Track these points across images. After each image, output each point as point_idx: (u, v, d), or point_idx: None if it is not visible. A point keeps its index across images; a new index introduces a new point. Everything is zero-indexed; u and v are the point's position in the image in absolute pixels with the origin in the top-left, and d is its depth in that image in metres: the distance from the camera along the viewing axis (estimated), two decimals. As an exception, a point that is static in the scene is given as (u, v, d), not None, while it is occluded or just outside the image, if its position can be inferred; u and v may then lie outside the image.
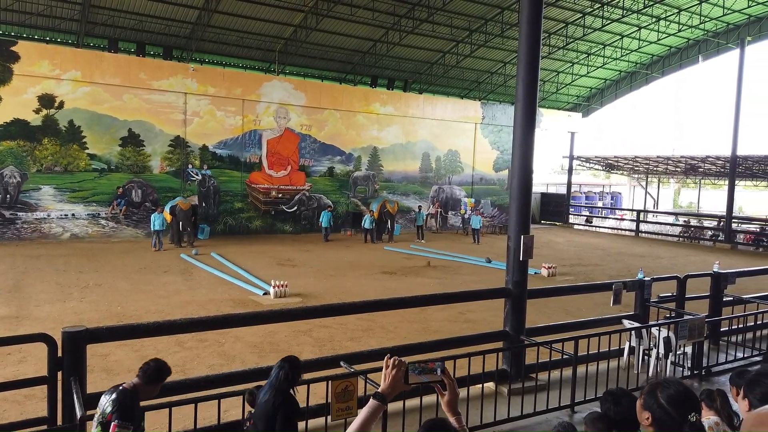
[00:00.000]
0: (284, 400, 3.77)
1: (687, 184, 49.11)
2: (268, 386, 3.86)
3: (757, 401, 2.42)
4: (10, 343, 5.73)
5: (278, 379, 3.83)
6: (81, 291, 12.36)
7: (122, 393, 3.68)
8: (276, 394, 3.75)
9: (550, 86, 34.71)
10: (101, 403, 3.70)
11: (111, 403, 3.61)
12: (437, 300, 7.83)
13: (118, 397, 3.65)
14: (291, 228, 24.78)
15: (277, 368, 3.90)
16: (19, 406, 6.31)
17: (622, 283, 7.91)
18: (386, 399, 2.11)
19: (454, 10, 25.58)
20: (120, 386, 3.76)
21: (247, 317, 6.18)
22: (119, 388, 3.73)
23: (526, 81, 6.94)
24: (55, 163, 20.08)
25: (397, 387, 2.12)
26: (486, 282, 14.53)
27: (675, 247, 25.35)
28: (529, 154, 7.05)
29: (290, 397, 3.85)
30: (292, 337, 9.31)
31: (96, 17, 22.32)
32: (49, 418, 4.41)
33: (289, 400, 3.81)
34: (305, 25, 24.92)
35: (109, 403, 3.63)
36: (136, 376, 3.83)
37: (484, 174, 30.91)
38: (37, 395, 6.25)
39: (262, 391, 3.93)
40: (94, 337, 4.70)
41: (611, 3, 26.10)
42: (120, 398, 3.64)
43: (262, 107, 23.89)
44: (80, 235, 20.46)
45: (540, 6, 6.98)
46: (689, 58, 33.34)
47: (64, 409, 4.32)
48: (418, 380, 2.15)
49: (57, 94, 19.88)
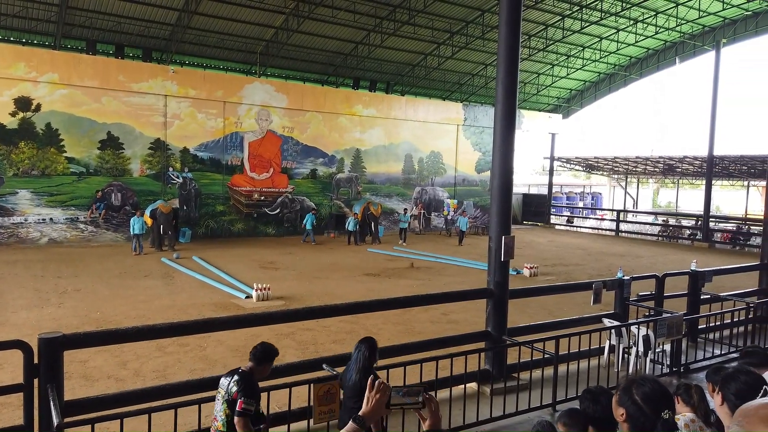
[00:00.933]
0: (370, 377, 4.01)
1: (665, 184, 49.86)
2: (352, 368, 4.38)
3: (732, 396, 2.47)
4: (-16, 351, 5.62)
5: (359, 360, 4.36)
6: (59, 296, 12.16)
7: (243, 374, 4.10)
8: (362, 374, 4.24)
9: (531, 88, 35.01)
10: (223, 384, 4.12)
11: (235, 383, 4.03)
12: (420, 301, 7.85)
13: (241, 378, 4.06)
14: (274, 231, 24.64)
15: (356, 351, 4.43)
16: (-5, 414, 6.18)
17: (602, 283, 8.01)
18: (365, 423, 2.02)
19: (434, 12, 25.68)
20: (239, 369, 4.17)
21: (229, 321, 6.15)
22: (239, 371, 4.14)
23: (506, 83, 7.00)
24: (32, 166, 19.74)
25: (378, 411, 2.05)
26: (469, 283, 14.59)
27: (654, 246, 25.72)
28: (509, 155, 7.11)
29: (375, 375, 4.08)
30: (274, 340, 9.20)
31: (73, 19, 21.99)
32: (25, 426, 4.34)
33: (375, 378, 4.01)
34: (286, 27, 24.83)
35: (233, 383, 4.04)
36: (249, 361, 4.23)
37: (467, 175, 31.06)
38: (14, 403, 6.13)
39: (348, 373, 4.42)
40: (72, 342, 4.64)
41: (590, 6, 26.42)
42: (242, 379, 4.06)
43: (243, 109, 23.74)
44: (58, 240, 20.14)
45: (519, 8, 7.05)
46: (666, 60, 33.86)
47: (41, 416, 4.26)
48: (400, 402, 2.07)
49: (34, 96, 19.55)
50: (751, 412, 1.45)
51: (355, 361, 4.38)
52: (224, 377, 4.16)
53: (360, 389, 4.10)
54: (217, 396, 4.13)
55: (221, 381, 4.18)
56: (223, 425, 3.98)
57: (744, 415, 1.45)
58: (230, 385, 4.02)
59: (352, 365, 4.40)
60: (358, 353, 4.38)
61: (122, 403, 4.68)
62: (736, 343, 8.70)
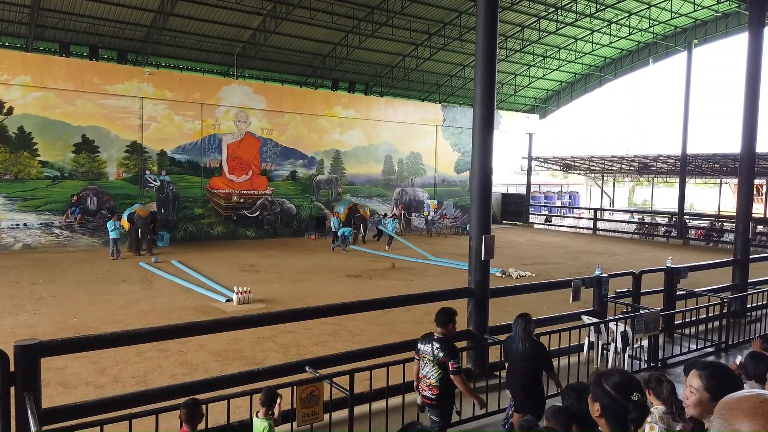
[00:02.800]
0: (538, 343, 5.22)
1: (641, 183, 50.69)
2: (516, 340, 5.15)
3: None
4: (-42, 360, 5.49)
5: (524, 331, 5.13)
6: (35, 303, 11.92)
7: (441, 340, 4.91)
8: (531, 342, 5.10)
9: (508, 88, 35.34)
10: (425, 351, 4.95)
11: (439, 350, 4.84)
12: (401, 302, 7.87)
13: (442, 344, 4.87)
14: (254, 233, 24.48)
15: (515, 325, 5.23)
16: (-30, 425, 6.04)
17: (581, 280, 8.13)
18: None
19: (412, 13, 25.79)
20: (432, 335, 4.97)
21: (210, 325, 6.09)
22: (434, 338, 4.93)
23: (484, 83, 7.07)
24: (5, 171, 19.32)
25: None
26: (451, 283, 14.66)
27: (630, 244, 26.13)
28: (488, 155, 7.18)
29: (540, 342, 5.31)
30: (256, 343, 9.21)
31: (46, 20, 21.60)
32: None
33: (541, 343, 5.31)
34: (264, 29, 24.70)
35: (437, 350, 4.85)
36: (437, 326, 4.98)
37: (446, 176, 31.22)
38: (-11, 413, 6.00)
39: (513, 343, 5.18)
40: (49, 350, 4.57)
41: (565, 7, 26.78)
42: (444, 344, 4.87)
43: (221, 111, 23.54)
44: (33, 245, 19.74)
45: (496, 10, 7.13)
46: (640, 61, 34.47)
47: (18, 425, 4.18)
48: None
49: (6, 99, 19.14)
50: (733, 404, 1.41)
51: (517, 333, 5.18)
52: (422, 344, 5.02)
53: (529, 353, 5.05)
54: (422, 360, 4.99)
55: (421, 347, 5.02)
56: (436, 382, 4.87)
57: (726, 408, 1.42)
58: (435, 351, 4.84)
59: (515, 337, 5.20)
60: (518, 326, 5.18)
61: (102, 409, 4.61)
62: (711, 337, 8.89)
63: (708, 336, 8.94)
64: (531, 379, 5.09)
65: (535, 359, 5.07)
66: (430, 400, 4.95)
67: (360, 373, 5.19)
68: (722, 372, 2.56)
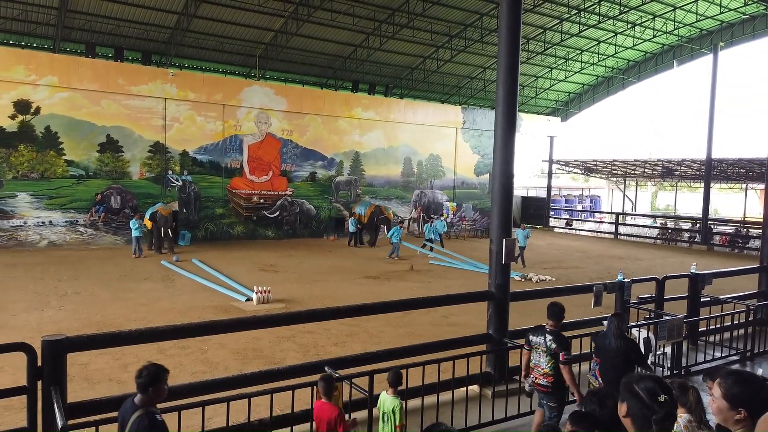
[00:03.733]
0: (629, 340, 5.56)
1: (664, 187, 49.94)
2: (609, 336, 5.39)
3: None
4: (-13, 354, 5.61)
5: (617, 328, 5.39)
6: (59, 299, 12.15)
7: (554, 332, 5.32)
8: (623, 339, 5.39)
9: (530, 91, 35.09)
10: (538, 342, 5.36)
11: (552, 342, 5.26)
12: (421, 304, 7.85)
13: (554, 336, 5.30)
14: (273, 233, 24.64)
15: (609, 323, 5.50)
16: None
17: (602, 285, 8.02)
18: None
19: (434, 15, 25.75)
20: (544, 328, 5.39)
21: (230, 324, 6.14)
22: (546, 330, 5.35)
23: (506, 86, 7.03)
24: (32, 169, 19.73)
25: None
26: (470, 285, 14.59)
27: (653, 249, 25.75)
28: (509, 158, 7.13)
29: (631, 339, 5.68)
30: (275, 343, 9.26)
31: (73, 22, 22.01)
32: (29, 428, 4.34)
33: (632, 340, 5.69)
34: (286, 30, 24.87)
35: (550, 341, 5.26)
36: (548, 319, 5.39)
37: (466, 178, 31.09)
38: (16, 405, 6.13)
39: (606, 339, 5.43)
40: (75, 345, 4.64)
41: (588, 9, 26.50)
42: (556, 336, 5.30)
43: (242, 112, 23.76)
44: (58, 243, 20.11)
45: (519, 12, 7.08)
46: (664, 63, 33.96)
47: (45, 419, 4.26)
48: None
49: (33, 99, 19.55)
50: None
51: (610, 330, 5.43)
52: (533, 335, 5.44)
53: (622, 348, 5.31)
54: (534, 351, 5.39)
55: (532, 339, 5.43)
56: (550, 370, 5.25)
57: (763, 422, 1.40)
58: (548, 342, 5.27)
59: (608, 333, 5.45)
60: (611, 324, 5.45)
61: (125, 405, 4.67)
62: (736, 345, 8.72)
63: (733, 344, 8.77)
64: (625, 373, 5.21)
65: (627, 355, 5.37)
66: (545, 387, 5.33)
67: (379, 375, 5.19)
68: (742, 380, 2.50)
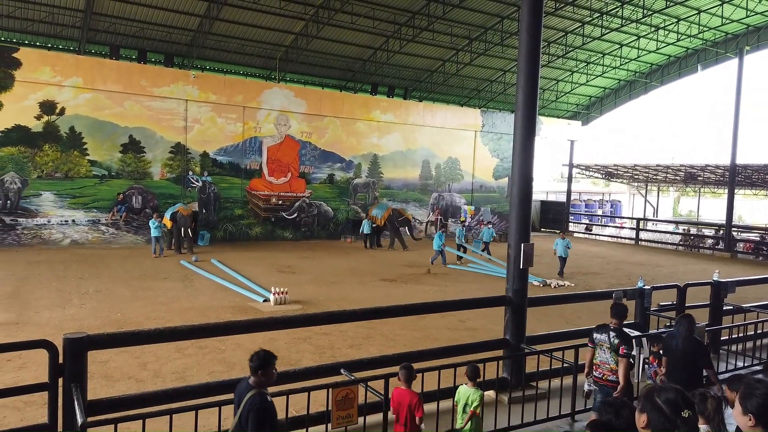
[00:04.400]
0: (699, 342, 5.69)
1: (686, 193, 49.17)
2: (678, 338, 5.57)
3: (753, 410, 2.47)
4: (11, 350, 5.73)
5: (687, 331, 5.56)
6: (81, 297, 12.35)
7: (617, 330, 5.64)
8: (692, 341, 5.54)
9: (550, 94, 34.83)
10: (602, 339, 5.67)
11: (615, 338, 5.56)
12: (437, 308, 7.84)
13: (617, 333, 5.60)
14: (291, 235, 24.77)
15: (678, 325, 5.68)
16: (19, 412, 6.29)
17: (622, 292, 7.92)
18: None
19: (454, 18, 25.71)
20: (607, 326, 5.68)
21: (248, 324, 6.19)
22: (609, 327, 5.66)
23: (526, 89, 6.98)
24: (56, 169, 20.11)
25: None
26: (486, 290, 14.53)
27: (675, 256, 25.36)
28: (529, 161, 7.09)
29: (700, 341, 5.80)
30: (292, 344, 9.30)
31: (97, 24, 22.41)
32: (50, 424, 4.41)
33: (701, 342, 5.81)
34: (306, 33, 25.02)
35: (614, 338, 5.57)
36: (614, 319, 5.68)
37: (484, 181, 30.95)
38: (37, 401, 6.24)
39: (672, 341, 5.64)
40: (96, 343, 4.71)
41: (610, 13, 26.24)
42: (619, 333, 5.59)
43: (262, 114, 23.96)
44: (80, 241, 20.46)
45: (540, 15, 7.04)
46: (688, 67, 33.46)
47: (65, 415, 4.32)
48: None
49: (58, 100, 19.94)
50: None
51: (679, 332, 5.60)
52: (597, 333, 5.74)
53: (685, 352, 5.47)
54: (599, 347, 5.72)
55: (597, 336, 5.75)
56: (615, 364, 5.55)
57: None
58: (612, 339, 5.56)
59: (676, 334, 5.64)
60: (681, 327, 5.62)
61: (144, 403, 4.74)
62: (759, 355, 8.55)
63: (756, 353, 8.59)
64: (692, 374, 5.49)
65: (695, 357, 5.51)
66: (612, 383, 5.58)
67: (394, 378, 5.18)
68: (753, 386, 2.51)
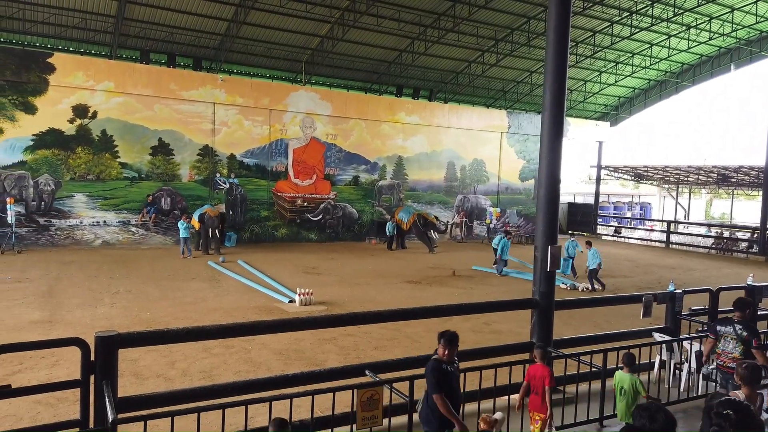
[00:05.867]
0: None
1: (719, 195, 48.01)
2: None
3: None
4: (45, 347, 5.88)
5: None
6: (112, 297, 12.61)
7: (743, 321, 5.90)
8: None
9: (578, 95, 34.39)
10: (726, 330, 5.98)
11: (742, 329, 5.84)
12: (463, 310, 7.78)
13: (744, 323, 5.89)
14: (316, 236, 24.92)
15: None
16: (52, 408, 6.45)
17: (652, 296, 7.77)
18: None
19: (480, 19, 25.57)
20: (731, 319, 5.94)
21: (274, 324, 6.23)
22: (734, 320, 5.92)
23: (554, 90, 6.90)
24: (88, 171, 20.60)
25: None
26: (511, 293, 14.40)
27: (707, 259, 24.77)
28: (556, 163, 7.00)
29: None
30: (317, 344, 9.35)
31: (129, 29, 22.89)
32: (82, 420, 4.51)
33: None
34: (332, 36, 25.18)
35: (740, 329, 5.85)
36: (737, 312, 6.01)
37: (510, 183, 30.70)
38: (70, 398, 6.39)
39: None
40: (126, 341, 4.81)
41: (640, 11, 25.79)
42: (746, 324, 5.88)
43: (288, 117, 24.17)
44: (111, 242, 20.90)
45: (568, 16, 6.96)
46: (721, 67, 32.69)
47: (96, 411, 4.41)
48: None
49: (91, 104, 20.42)
50: None
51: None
52: (721, 325, 6.08)
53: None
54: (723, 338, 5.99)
55: (720, 328, 6.05)
56: (739, 354, 5.78)
57: None
58: (738, 331, 5.86)
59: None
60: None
61: (173, 401, 4.81)
62: (796, 362, 8.27)
63: (793, 360, 8.31)
64: None
65: None
66: (731, 369, 5.66)
67: (419, 380, 5.16)
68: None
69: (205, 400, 4.82)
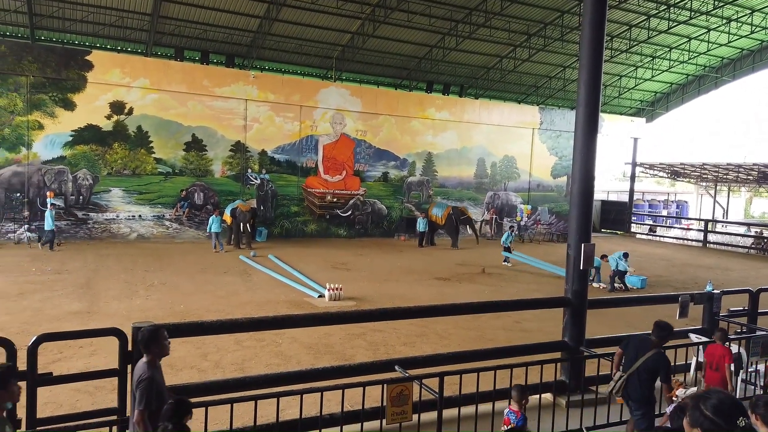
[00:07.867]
0: None
1: (760, 194, 46.51)
2: None
3: None
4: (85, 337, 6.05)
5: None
6: (147, 289, 12.90)
7: None
8: None
9: (612, 90, 33.68)
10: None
11: None
12: (493, 307, 7.74)
13: None
14: (345, 232, 25.04)
15: None
16: (91, 396, 6.64)
17: (689, 296, 7.58)
18: None
19: (512, 14, 25.25)
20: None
21: (306, 319, 6.30)
22: None
23: (588, 85, 6.78)
24: (124, 166, 21.10)
25: None
26: (542, 291, 14.24)
27: (746, 260, 24.05)
28: (590, 160, 6.88)
29: None
30: (346, 339, 9.40)
31: (164, 27, 23.32)
32: (119, 408, 4.63)
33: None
34: (362, 32, 25.20)
35: None
36: None
37: (542, 180, 30.30)
38: (107, 387, 6.56)
39: None
40: (161, 333, 4.88)
41: (678, 5, 25.11)
42: None
43: (319, 113, 24.32)
44: (146, 236, 21.38)
45: (604, 9, 6.82)
46: (763, 61, 31.60)
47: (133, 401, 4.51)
48: None
49: (127, 101, 20.89)
50: None
51: None
52: None
53: None
54: None
55: None
56: None
57: None
58: None
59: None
60: None
61: (206, 392, 4.90)
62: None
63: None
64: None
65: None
66: None
67: (449, 377, 5.15)
68: None
69: (237, 392, 4.89)
